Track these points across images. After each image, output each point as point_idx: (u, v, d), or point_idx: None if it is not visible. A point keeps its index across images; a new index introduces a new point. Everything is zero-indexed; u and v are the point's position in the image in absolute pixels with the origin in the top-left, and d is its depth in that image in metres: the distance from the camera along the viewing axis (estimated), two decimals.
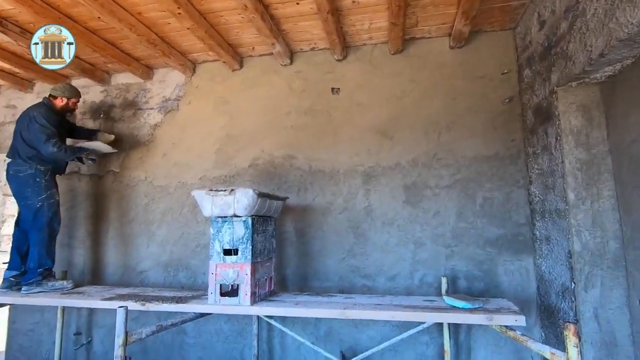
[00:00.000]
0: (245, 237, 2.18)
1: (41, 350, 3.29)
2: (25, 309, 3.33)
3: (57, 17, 2.53)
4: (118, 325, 1.71)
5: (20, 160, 2.71)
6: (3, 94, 3.87)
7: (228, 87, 3.28)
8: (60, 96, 2.90)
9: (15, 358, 3.37)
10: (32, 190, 2.68)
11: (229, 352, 2.93)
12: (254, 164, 3.11)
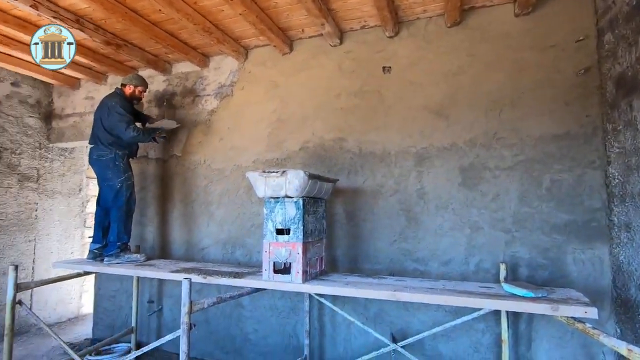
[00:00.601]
0: (296, 217, 2.23)
1: (121, 314, 3.73)
2: (107, 277, 3.78)
3: (124, 12, 2.73)
4: (183, 295, 1.87)
5: (101, 145, 3.02)
6: (82, 87, 4.31)
7: (278, 71, 3.32)
8: (128, 84, 3.17)
9: (101, 319, 3.87)
10: (112, 173, 2.99)
11: (283, 326, 3.08)
12: (304, 147, 3.15)
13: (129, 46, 3.31)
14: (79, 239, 4.79)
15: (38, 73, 3.90)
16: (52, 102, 4.49)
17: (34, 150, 4.30)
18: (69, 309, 4.64)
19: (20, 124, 4.18)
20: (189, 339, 1.86)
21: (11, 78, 4.10)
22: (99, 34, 3.03)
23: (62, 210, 4.59)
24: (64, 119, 4.40)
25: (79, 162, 4.84)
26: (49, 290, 4.27)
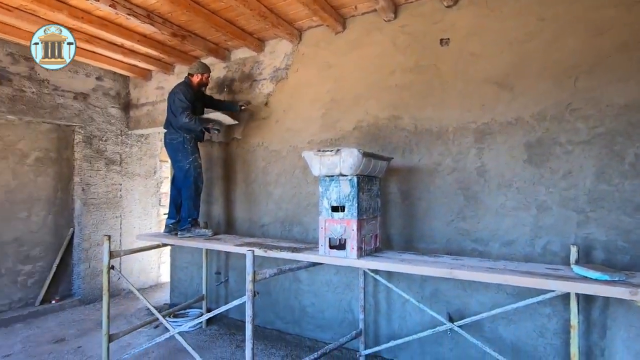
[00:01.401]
0: (351, 195, 2.28)
1: (193, 284, 4.14)
2: (181, 250, 4.20)
3: (187, 4, 2.92)
4: (248, 265, 2.04)
5: (172, 130, 3.32)
6: (153, 78, 4.71)
7: (332, 51, 3.33)
8: (195, 73, 3.41)
9: (176, 287, 4.33)
10: (182, 155, 3.28)
11: (338, 301, 3.19)
12: (358, 127, 3.16)
13: (192, 36, 3.54)
14: (155, 216, 5.36)
15: (117, 67, 4.35)
16: (129, 93, 4.98)
17: (116, 137, 4.85)
18: (150, 278, 5.25)
19: (105, 114, 4.72)
20: (253, 305, 2.03)
21: (96, 73, 4.61)
22: (166, 27, 3.28)
23: (141, 190, 5.15)
24: (139, 108, 4.87)
25: (153, 147, 5.36)
26: (132, 261, 4.87)
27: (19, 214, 4.09)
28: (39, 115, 4.09)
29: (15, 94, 3.89)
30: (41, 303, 4.19)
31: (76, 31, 3.43)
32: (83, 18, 3.12)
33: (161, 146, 5.46)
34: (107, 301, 2.77)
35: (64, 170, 4.48)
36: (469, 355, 2.62)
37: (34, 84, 4.04)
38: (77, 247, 4.49)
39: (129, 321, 3.85)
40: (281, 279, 3.50)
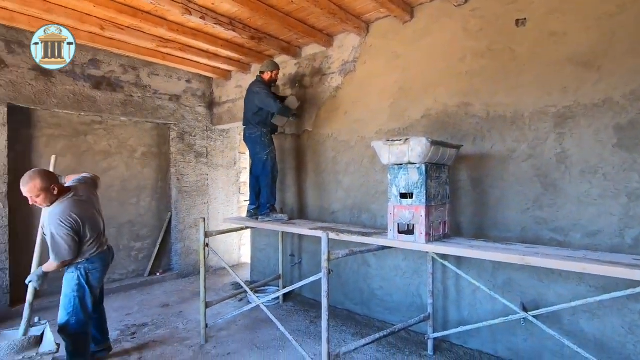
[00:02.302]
0: (419, 182, 2.36)
1: (270, 264, 4.56)
2: (259, 233, 4.64)
3: (265, 9, 3.20)
4: (323, 245, 2.26)
5: (251, 125, 3.69)
6: (233, 78, 5.19)
7: (399, 41, 3.37)
8: (266, 70, 3.73)
9: (255, 267, 4.81)
10: (260, 147, 3.64)
11: (406, 286, 3.30)
12: (426, 115, 3.18)
13: (267, 38, 3.85)
14: (236, 203, 5.94)
15: (203, 70, 4.89)
16: (212, 93, 5.56)
17: (203, 132, 5.46)
18: (232, 258, 5.87)
19: (193, 112, 5.35)
20: (329, 281, 2.25)
21: (186, 77, 5.24)
22: (245, 31, 3.63)
23: (224, 180, 5.75)
24: (221, 106, 5.42)
25: (233, 140, 5.91)
26: (218, 243, 5.49)
27: (131, 200, 4.88)
28: (144, 116, 4.81)
29: (126, 99, 4.63)
30: (149, 274, 4.99)
31: (172, 42, 3.98)
32: (178, 30, 3.62)
33: (240, 139, 6.00)
34: (204, 274, 3.24)
35: (163, 163, 5.21)
36: (545, 347, 2.55)
37: (139, 89, 4.75)
38: (174, 228, 5.22)
39: (217, 294, 4.40)
40: (350, 262, 3.70)
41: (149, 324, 3.59)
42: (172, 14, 3.36)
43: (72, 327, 2.43)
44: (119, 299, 4.23)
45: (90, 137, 4.52)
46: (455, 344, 2.98)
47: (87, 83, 4.30)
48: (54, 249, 2.35)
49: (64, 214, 2.36)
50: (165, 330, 3.44)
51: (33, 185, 2.31)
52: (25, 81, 3.85)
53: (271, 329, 3.34)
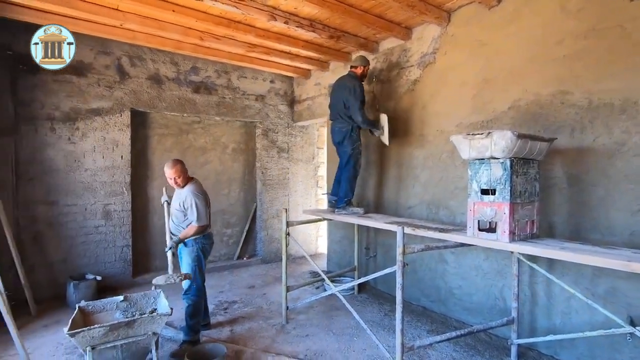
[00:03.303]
0: (503, 178, 2.24)
1: (345, 256, 4.71)
2: (335, 225, 4.82)
3: (343, 9, 3.30)
4: (398, 239, 2.30)
5: (341, 119, 3.67)
6: (312, 76, 5.42)
7: (485, 28, 3.18)
8: (359, 65, 3.76)
9: (331, 258, 5.00)
10: (347, 141, 3.65)
11: (488, 287, 3.14)
12: (514, 106, 2.96)
13: (345, 36, 3.95)
14: (314, 196, 6.22)
15: (285, 70, 5.21)
16: (293, 91, 5.88)
17: (284, 129, 5.83)
18: (310, 248, 6.17)
19: (276, 110, 5.73)
20: (403, 274, 2.28)
21: (270, 77, 5.64)
22: (324, 31, 3.78)
23: (303, 174, 6.06)
24: (301, 103, 5.70)
25: (312, 136, 6.19)
26: (297, 233, 5.82)
27: (223, 191, 5.47)
28: (234, 116, 5.33)
29: (220, 100, 5.18)
30: (237, 258, 5.54)
31: (259, 46, 4.33)
32: (264, 35, 3.93)
33: (318, 135, 6.25)
34: (285, 260, 3.52)
35: (249, 158, 5.70)
36: None
37: (230, 91, 5.27)
38: (259, 218, 5.69)
39: (296, 280, 4.70)
40: (427, 259, 3.64)
41: (237, 301, 4.03)
42: (259, 22, 3.67)
43: (192, 292, 2.94)
44: (213, 278, 4.80)
45: (191, 135, 5.17)
46: (544, 353, 2.76)
47: (189, 88, 4.92)
48: (197, 215, 2.94)
49: (198, 190, 3.04)
50: (251, 308, 3.82)
51: (177, 168, 2.98)
52: (143, 89, 4.57)
53: (346, 317, 3.48)
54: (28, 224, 3.89)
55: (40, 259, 3.95)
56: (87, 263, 4.20)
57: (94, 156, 4.25)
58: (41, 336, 3.09)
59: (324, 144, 6.10)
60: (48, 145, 3.99)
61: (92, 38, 4.08)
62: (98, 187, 4.27)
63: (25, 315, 3.48)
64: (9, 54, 3.74)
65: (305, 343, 3.06)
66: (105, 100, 4.31)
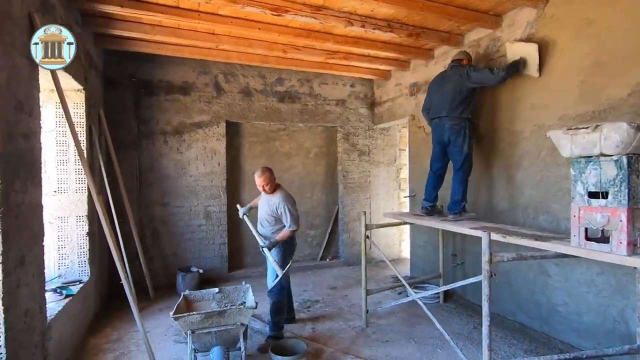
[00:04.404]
0: (618, 178, 1.89)
1: (430, 262, 4.48)
2: (418, 230, 4.63)
3: (422, 5, 3.18)
4: (483, 246, 2.11)
5: (453, 115, 3.33)
6: (392, 76, 5.32)
7: (593, 4, 2.73)
8: (463, 58, 3.51)
9: (415, 263, 4.82)
10: (462, 139, 3.31)
11: (604, 307, 2.66)
12: (636, 91, 2.47)
13: (426, 32, 3.79)
14: (396, 199, 6.07)
15: (364, 73, 5.22)
16: (373, 94, 5.85)
17: (365, 132, 5.83)
18: (392, 252, 6.03)
19: (356, 113, 5.77)
20: (490, 284, 2.09)
21: (350, 81, 5.71)
22: (403, 30, 3.68)
23: (384, 176, 5.97)
24: (382, 105, 5.64)
25: (393, 138, 6.06)
26: (379, 236, 5.75)
27: (306, 194, 5.70)
28: (316, 121, 5.53)
29: (302, 107, 5.43)
30: (320, 259, 5.72)
31: (337, 52, 4.42)
32: (342, 41, 4.00)
33: (400, 136, 6.09)
34: (365, 263, 3.51)
35: (331, 161, 5.85)
36: None
37: (312, 98, 5.49)
38: (340, 220, 5.79)
39: (378, 284, 4.64)
40: (524, 270, 3.25)
41: (320, 301, 4.15)
42: (337, 28, 3.75)
43: (277, 290, 3.12)
44: (298, 277, 5.03)
45: (277, 142, 5.53)
46: None
47: (275, 98, 5.28)
48: (293, 220, 3.13)
49: (289, 197, 3.23)
50: (332, 309, 3.90)
51: (266, 176, 3.15)
52: (235, 102, 5.06)
53: (429, 326, 3.31)
54: (148, 222, 4.62)
55: (157, 252, 4.65)
56: (192, 257, 4.80)
57: (197, 164, 4.85)
58: (156, 318, 3.64)
59: (406, 146, 5.92)
60: (162, 156, 4.69)
61: (194, 61, 4.69)
62: (200, 190, 4.86)
63: (145, 299, 4.14)
64: (134, 80, 4.52)
65: (385, 349, 3.01)
66: (205, 114, 4.89)
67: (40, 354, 2.18)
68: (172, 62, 4.67)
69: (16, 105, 1.96)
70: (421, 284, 4.27)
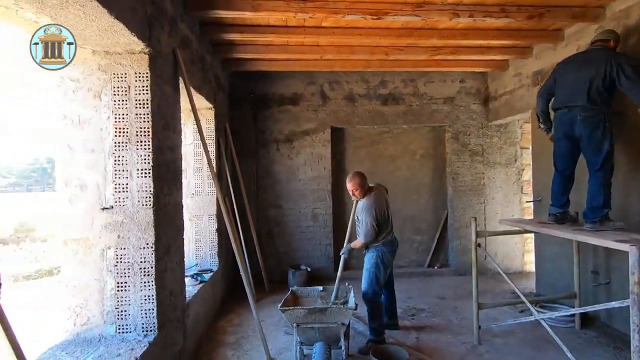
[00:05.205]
0: None
1: (562, 278, 3.80)
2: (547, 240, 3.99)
3: None
4: (631, 263, 1.71)
5: (589, 105, 2.76)
6: (510, 66, 4.74)
7: None
8: (611, 39, 2.89)
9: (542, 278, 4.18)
10: (602, 134, 2.73)
11: None
12: None
13: (551, 10, 3.27)
14: (517, 204, 5.36)
15: (476, 67, 4.80)
16: (487, 88, 5.31)
17: (477, 130, 5.33)
18: (514, 264, 5.33)
19: (467, 111, 5.33)
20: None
21: (459, 77, 5.31)
22: (520, 12, 3.26)
23: (502, 178, 5.34)
24: (497, 99, 5.07)
25: (512, 135, 5.38)
26: (497, 245, 5.16)
27: (412, 197, 5.51)
28: (421, 122, 5.31)
29: (406, 109, 5.29)
30: (427, 266, 5.44)
31: (443, 47, 4.18)
32: (448, 35, 3.77)
33: (522, 133, 5.38)
34: (476, 273, 3.20)
35: (438, 163, 5.52)
36: None
37: (416, 98, 5.30)
38: (450, 226, 5.40)
39: (494, 298, 4.16)
40: None
41: (426, 310, 3.95)
42: (441, 23, 3.55)
43: (369, 295, 3.12)
44: (403, 283, 4.88)
45: (381, 144, 5.50)
46: None
47: (378, 101, 5.27)
48: (364, 231, 3.09)
49: (372, 208, 3.07)
50: (440, 320, 3.67)
51: (355, 181, 3.12)
52: (339, 108, 5.24)
53: (558, 354, 2.80)
54: (264, 222, 5.14)
55: (272, 250, 5.13)
56: (301, 256, 5.14)
57: (305, 169, 5.19)
58: (270, 309, 4.01)
59: (529, 143, 5.18)
60: (275, 162, 5.17)
61: (302, 73, 5.05)
62: (308, 194, 5.18)
63: (261, 291, 4.61)
64: (252, 96, 5.11)
65: None
66: (312, 122, 5.20)
67: (181, 328, 2.65)
68: (282, 77, 5.12)
69: (164, 124, 2.44)
70: (549, 303, 3.67)
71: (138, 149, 2.20)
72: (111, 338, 2.15)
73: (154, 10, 2.32)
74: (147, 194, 2.20)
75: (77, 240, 2.15)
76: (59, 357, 1.97)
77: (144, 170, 2.20)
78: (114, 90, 2.18)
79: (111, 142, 2.18)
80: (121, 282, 2.18)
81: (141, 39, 2.09)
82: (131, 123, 2.20)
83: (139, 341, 2.13)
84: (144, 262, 2.19)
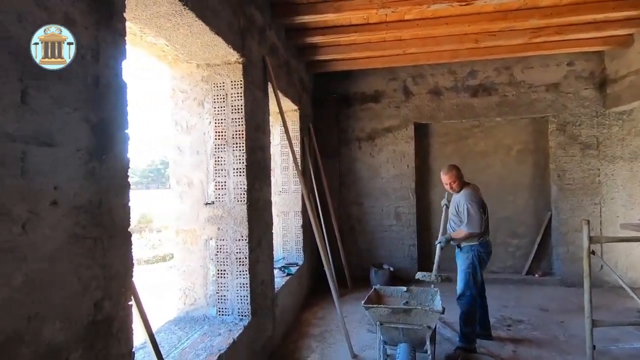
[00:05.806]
0: None
1: None
2: None
3: None
4: None
5: None
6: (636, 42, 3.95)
7: None
8: None
9: None
10: None
11: None
12: None
13: None
14: None
15: (589, 46, 4.14)
16: (604, 69, 4.54)
17: (591, 120, 4.59)
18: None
19: (577, 97, 4.63)
20: None
21: (566, 60, 4.64)
22: None
23: (625, 175, 4.51)
24: (618, 82, 4.30)
25: (638, 123, 4.50)
26: (618, 254, 4.38)
27: (507, 197, 5.00)
28: (518, 113, 4.79)
29: (500, 100, 4.82)
30: (526, 274, 4.88)
31: (546, 28, 3.71)
32: (552, 14, 3.33)
33: None
34: (589, 285, 2.76)
35: (539, 159, 4.92)
36: None
37: (512, 87, 4.79)
38: (555, 230, 4.77)
39: (613, 316, 3.55)
40: None
41: (524, 322, 3.56)
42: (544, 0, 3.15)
43: (465, 299, 2.96)
44: (496, 290, 4.47)
45: (471, 140, 5.12)
46: None
47: (466, 93, 4.91)
48: (467, 220, 2.94)
49: (474, 196, 3.01)
50: (542, 334, 3.27)
51: (452, 174, 3.07)
52: (424, 103, 5.03)
53: None
54: (346, 219, 5.21)
55: (353, 247, 5.17)
56: (383, 255, 5.07)
57: (387, 166, 5.10)
58: (353, 305, 4.05)
59: None
60: (357, 160, 5.19)
61: (383, 70, 4.96)
62: (390, 192, 5.08)
63: (343, 288, 4.68)
64: (334, 96, 5.21)
65: None
66: (394, 119, 5.09)
67: (271, 316, 2.85)
68: (364, 75, 5.11)
69: (255, 126, 2.65)
70: None
71: (234, 150, 2.43)
72: (213, 319, 2.42)
73: (246, 22, 2.53)
74: (242, 191, 2.42)
75: (186, 231, 2.47)
76: (173, 330, 2.29)
77: (238, 170, 2.43)
78: (214, 98, 2.45)
79: (212, 144, 2.45)
80: (221, 270, 2.44)
81: (236, 50, 2.31)
82: (228, 127, 2.44)
83: (236, 324, 2.35)
84: (239, 253, 2.41)
